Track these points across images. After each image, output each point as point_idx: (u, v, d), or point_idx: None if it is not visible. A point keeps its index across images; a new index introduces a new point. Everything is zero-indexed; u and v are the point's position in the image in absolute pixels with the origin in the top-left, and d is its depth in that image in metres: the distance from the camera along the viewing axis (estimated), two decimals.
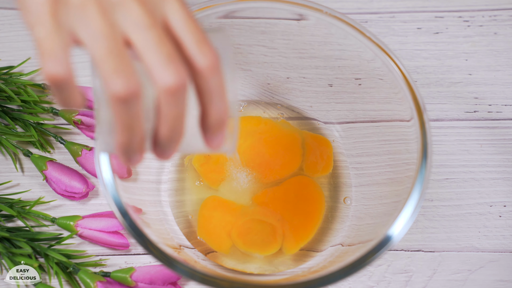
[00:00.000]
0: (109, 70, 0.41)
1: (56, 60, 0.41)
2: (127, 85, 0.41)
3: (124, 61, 0.41)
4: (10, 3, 0.78)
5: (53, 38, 0.41)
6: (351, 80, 0.69)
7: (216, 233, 0.66)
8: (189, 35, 0.43)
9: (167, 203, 0.68)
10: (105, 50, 0.41)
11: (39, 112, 0.72)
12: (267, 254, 0.66)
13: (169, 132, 0.44)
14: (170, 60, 0.42)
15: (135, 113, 0.42)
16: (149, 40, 0.42)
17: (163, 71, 0.42)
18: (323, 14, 0.63)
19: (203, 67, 0.43)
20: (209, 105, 0.44)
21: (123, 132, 0.43)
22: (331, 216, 0.68)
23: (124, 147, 0.44)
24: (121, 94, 0.41)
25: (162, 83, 0.42)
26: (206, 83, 0.44)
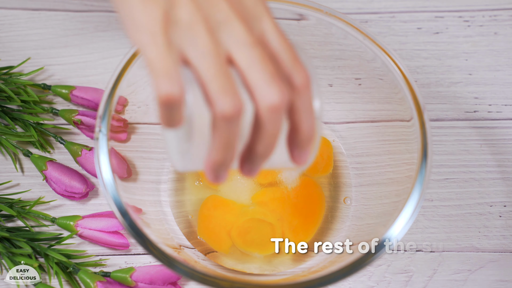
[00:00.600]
0: (217, 89, 0.41)
1: (170, 80, 0.41)
2: (234, 104, 0.42)
3: (230, 80, 0.42)
4: (10, 3, 0.78)
5: (166, 58, 0.41)
6: (351, 80, 0.69)
7: (216, 233, 0.66)
8: (285, 53, 0.44)
9: (167, 203, 0.68)
10: (213, 69, 0.41)
11: (39, 112, 0.72)
12: (267, 254, 0.66)
13: (265, 149, 0.45)
14: (273, 78, 0.42)
15: (235, 132, 0.43)
16: (253, 58, 0.42)
17: (268, 90, 0.42)
18: (323, 14, 0.63)
19: (299, 85, 0.44)
20: (301, 121, 0.45)
21: (220, 150, 0.43)
22: (331, 216, 0.68)
23: (217, 165, 0.44)
24: (228, 113, 0.42)
25: (267, 100, 0.42)
26: (300, 100, 0.44)
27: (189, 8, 0.42)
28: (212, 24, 0.42)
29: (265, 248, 0.65)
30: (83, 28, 0.77)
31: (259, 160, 0.46)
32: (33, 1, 0.78)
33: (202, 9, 0.42)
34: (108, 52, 0.75)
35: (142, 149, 0.69)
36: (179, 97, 0.41)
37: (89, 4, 0.78)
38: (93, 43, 0.76)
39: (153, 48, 0.41)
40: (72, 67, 0.75)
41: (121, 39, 0.76)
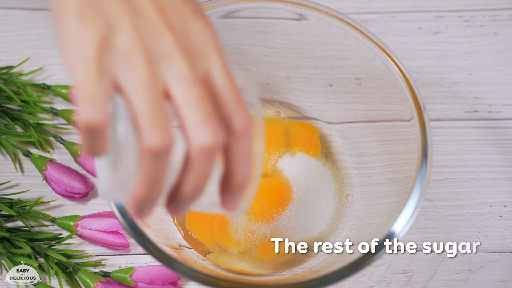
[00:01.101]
0: (148, 121, 0.40)
1: (94, 105, 0.39)
2: (163, 139, 0.40)
3: (162, 114, 0.40)
4: (10, 3, 0.78)
5: (94, 83, 0.39)
6: (351, 80, 0.69)
7: (200, 224, 0.66)
8: (228, 94, 0.43)
9: None
10: (145, 100, 0.40)
11: (39, 112, 0.72)
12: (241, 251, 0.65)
13: (192, 189, 0.43)
14: (209, 119, 0.41)
15: (161, 168, 0.41)
16: (190, 96, 0.41)
17: (201, 130, 0.41)
18: (323, 14, 0.63)
19: (238, 129, 0.42)
20: (236, 167, 0.44)
21: (144, 185, 0.42)
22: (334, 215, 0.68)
23: (140, 200, 0.43)
24: (155, 148, 0.40)
25: (198, 141, 0.41)
26: (237, 144, 0.43)
27: (129, 35, 0.41)
28: (152, 55, 0.41)
29: (238, 243, 0.65)
30: None
31: (186, 200, 0.44)
32: (33, 1, 0.78)
33: (143, 38, 0.41)
34: None
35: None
36: (102, 124, 0.39)
37: None
38: None
39: (82, 72, 0.40)
40: None
41: None
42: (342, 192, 0.69)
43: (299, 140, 0.70)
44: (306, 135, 0.70)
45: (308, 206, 0.67)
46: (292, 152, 0.69)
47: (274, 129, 0.70)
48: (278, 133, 0.70)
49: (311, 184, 0.68)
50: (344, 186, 0.69)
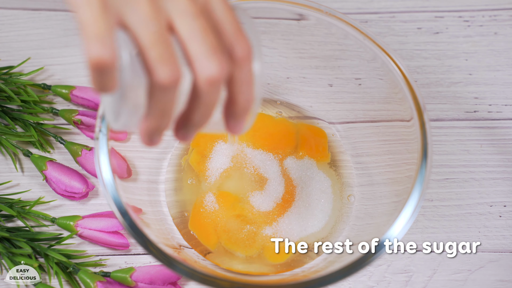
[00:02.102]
0: (156, 56, 0.41)
1: (102, 43, 0.40)
2: (172, 73, 0.42)
3: (169, 49, 0.42)
4: (10, 3, 0.78)
5: (99, 21, 0.40)
6: (351, 80, 0.69)
7: (204, 226, 0.66)
8: (228, 25, 0.44)
9: (166, 203, 0.68)
10: (152, 36, 0.41)
11: (39, 112, 0.72)
12: (249, 255, 0.65)
13: (200, 118, 0.45)
14: (213, 50, 0.42)
15: (171, 99, 0.43)
16: (194, 29, 0.42)
17: (207, 61, 0.42)
18: (323, 14, 0.63)
19: (239, 57, 0.44)
20: (238, 94, 0.45)
21: (155, 117, 0.44)
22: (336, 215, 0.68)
23: (152, 131, 0.45)
24: (166, 82, 0.41)
25: (205, 73, 0.42)
26: (239, 72, 0.45)
27: None
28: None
29: (246, 248, 0.65)
30: None
31: (194, 127, 0.46)
32: (33, 1, 0.78)
33: None
34: None
35: (142, 149, 0.69)
36: (111, 61, 0.40)
37: None
38: None
39: (87, 9, 0.40)
40: (72, 67, 0.75)
41: None
42: (344, 192, 0.69)
43: (307, 142, 0.70)
44: (315, 138, 0.70)
45: (310, 207, 0.67)
46: (298, 153, 0.69)
47: (284, 129, 0.70)
48: (288, 133, 0.70)
49: (314, 186, 0.68)
50: (345, 187, 0.69)
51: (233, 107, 0.46)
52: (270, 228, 0.66)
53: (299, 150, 0.69)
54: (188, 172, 0.69)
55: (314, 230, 0.66)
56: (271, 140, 0.69)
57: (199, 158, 0.69)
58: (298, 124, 0.71)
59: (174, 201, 0.68)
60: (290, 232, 0.66)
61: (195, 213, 0.67)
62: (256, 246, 0.65)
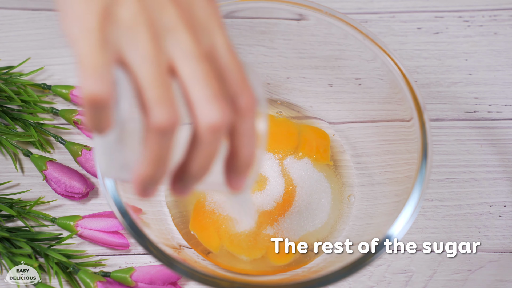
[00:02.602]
0: (154, 97, 0.39)
1: (98, 78, 0.38)
2: (170, 116, 0.39)
3: (169, 90, 0.39)
4: (10, 3, 0.78)
5: (97, 55, 0.38)
6: (351, 80, 0.69)
7: (206, 228, 0.66)
8: (233, 71, 0.42)
9: (166, 203, 0.68)
10: (152, 76, 0.39)
11: (39, 112, 0.72)
12: (254, 258, 0.65)
13: (199, 169, 0.42)
14: (216, 96, 0.40)
15: (167, 146, 0.40)
16: (197, 72, 0.40)
17: (209, 107, 0.40)
18: (323, 14, 0.63)
19: (243, 107, 0.42)
20: (241, 146, 0.43)
21: (150, 164, 0.41)
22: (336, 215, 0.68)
23: (145, 179, 0.42)
24: (163, 125, 0.39)
25: (207, 119, 0.40)
26: (243, 123, 0.42)
27: (133, 8, 0.39)
28: (157, 29, 0.40)
29: (252, 251, 0.65)
30: None
31: (192, 180, 0.43)
32: (33, 1, 0.78)
33: (147, 11, 0.40)
34: None
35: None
36: (106, 98, 0.38)
37: None
38: None
39: (85, 43, 0.38)
40: (72, 67, 0.75)
41: None
42: (344, 192, 0.69)
43: (307, 143, 0.70)
44: (316, 140, 0.70)
45: (310, 207, 0.67)
46: (298, 153, 0.69)
47: (286, 129, 0.70)
48: (290, 133, 0.70)
49: (315, 186, 0.68)
50: (345, 187, 0.69)
51: (234, 161, 0.44)
52: (271, 228, 0.66)
53: (299, 150, 0.69)
54: None
55: (315, 229, 0.66)
56: (271, 139, 0.69)
57: None
58: (300, 125, 0.71)
59: (174, 201, 0.68)
60: (291, 231, 0.66)
61: (196, 214, 0.67)
62: (259, 247, 0.65)
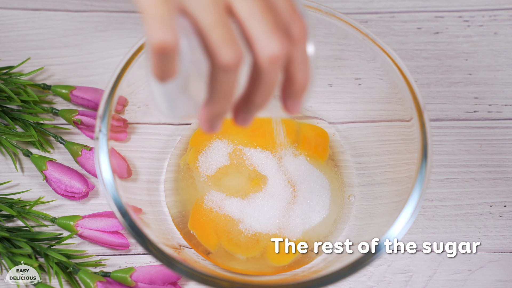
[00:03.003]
0: (218, 39, 0.41)
1: (164, 27, 0.40)
2: (235, 54, 0.42)
3: (230, 30, 0.42)
4: (10, 3, 0.78)
5: (161, 5, 0.40)
6: (351, 80, 0.69)
7: (204, 227, 0.66)
8: (284, 4, 0.44)
9: (166, 203, 0.68)
10: (213, 19, 0.41)
11: (39, 112, 0.72)
12: (251, 256, 0.65)
13: (262, 99, 0.45)
14: (274, 29, 0.42)
15: (233, 82, 0.43)
16: (253, 9, 0.42)
17: (268, 40, 0.42)
18: (323, 14, 0.63)
19: (296, 36, 0.44)
20: (297, 72, 0.45)
21: (218, 100, 0.44)
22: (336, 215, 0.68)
23: (214, 115, 0.44)
24: (229, 63, 0.41)
25: (267, 51, 0.42)
26: (297, 51, 0.44)
27: None
28: None
29: (249, 250, 0.65)
30: (83, 28, 0.77)
31: (255, 109, 0.46)
32: (33, 1, 0.78)
33: None
34: (108, 52, 0.75)
35: (142, 149, 0.69)
36: (173, 45, 0.40)
37: (89, 4, 0.78)
38: (93, 43, 0.76)
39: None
40: (72, 67, 0.75)
41: (121, 39, 0.76)
42: (344, 192, 0.69)
43: (306, 141, 0.70)
44: (316, 138, 0.70)
45: (309, 205, 0.67)
46: (297, 151, 0.69)
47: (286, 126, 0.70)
48: (288, 131, 0.70)
49: (313, 184, 0.68)
50: (345, 187, 0.69)
51: (291, 86, 0.46)
52: (271, 226, 0.66)
53: (298, 148, 0.69)
54: (187, 172, 0.69)
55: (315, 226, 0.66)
56: (270, 137, 0.70)
57: (197, 157, 0.69)
58: (300, 123, 0.71)
59: (174, 201, 0.68)
60: (291, 230, 0.66)
61: (195, 213, 0.67)
62: (258, 247, 0.65)
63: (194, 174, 0.69)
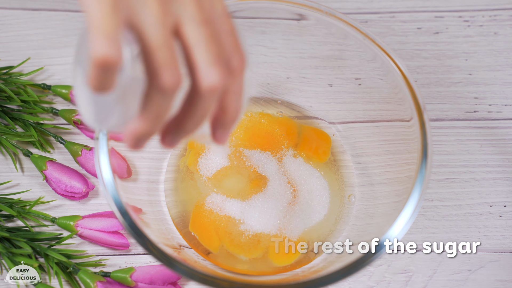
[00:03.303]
0: (161, 60, 0.41)
1: (108, 41, 0.39)
2: (175, 78, 0.42)
3: (174, 54, 0.42)
4: (10, 3, 0.78)
5: (109, 19, 0.40)
6: (351, 80, 0.69)
7: (206, 229, 0.66)
8: (229, 35, 0.44)
9: (166, 203, 0.68)
10: (160, 39, 0.41)
11: (39, 112, 0.72)
12: (253, 257, 0.65)
13: (193, 125, 0.45)
14: (217, 60, 0.43)
15: (167, 105, 0.43)
16: (200, 36, 0.43)
17: (211, 70, 0.43)
18: (323, 14, 0.63)
19: (236, 68, 0.44)
20: (230, 103, 0.46)
21: (148, 120, 0.44)
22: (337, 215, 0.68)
23: (141, 134, 0.44)
24: (168, 86, 0.42)
25: (208, 80, 0.43)
26: (234, 83, 0.45)
27: None
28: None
29: (252, 251, 0.65)
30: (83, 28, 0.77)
31: (184, 134, 0.46)
32: (33, 1, 0.78)
33: None
34: None
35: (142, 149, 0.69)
36: (116, 61, 0.39)
37: None
38: None
39: (97, 7, 0.40)
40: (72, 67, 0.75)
41: None
42: (344, 192, 0.69)
43: (307, 143, 0.70)
44: (317, 140, 0.70)
45: (310, 205, 0.67)
46: (297, 152, 0.69)
47: (285, 127, 0.70)
48: (289, 132, 0.70)
49: (313, 184, 0.68)
50: (345, 187, 0.69)
51: (223, 117, 0.47)
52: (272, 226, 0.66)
53: (298, 149, 0.69)
54: (187, 174, 0.69)
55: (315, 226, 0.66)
56: (270, 138, 0.70)
57: (197, 160, 0.69)
58: (302, 125, 0.71)
59: (174, 201, 0.68)
60: (291, 230, 0.66)
61: (196, 215, 0.67)
62: (260, 247, 0.65)
63: (194, 176, 0.69)
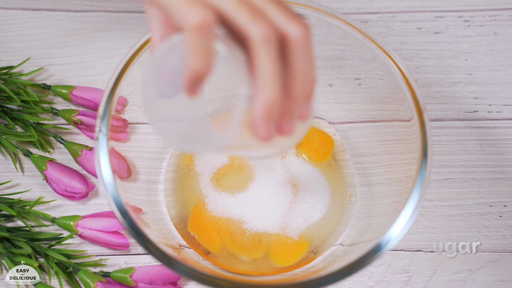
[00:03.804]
0: (247, 16, 0.43)
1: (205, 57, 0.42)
2: (267, 28, 0.43)
3: (255, 6, 0.44)
4: (10, 3, 0.78)
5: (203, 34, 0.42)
6: (351, 80, 0.69)
7: (206, 229, 0.66)
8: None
9: (166, 203, 0.68)
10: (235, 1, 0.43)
11: (39, 112, 0.72)
12: (254, 258, 0.65)
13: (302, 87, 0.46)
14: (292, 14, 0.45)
15: (277, 60, 0.44)
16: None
17: (294, 23, 0.44)
18: (323, 14, 0.63)
19: (307, 25, 0.45)
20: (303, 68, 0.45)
21: (271, 85, 0.44)
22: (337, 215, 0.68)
23: (272, 107, 0.44)
24: (264, 35, 0.43)
25: (296, 28, 0.44)
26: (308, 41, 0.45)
27: None
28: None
29: (253, 251, 0.65)
30: (83, 28, 0.77)
31: (299, 104, 0.46)
32: (33, 1, 0.78)
33: None
34: (108, 52, 0.75)
35: (142, 149, 0.69)
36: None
37: (89, 4, 0.78)
38: (93, 43, 0.76)
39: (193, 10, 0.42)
40: (72, 67, 0.75)
41: (121, 39, 0.76)
42: (345, 192, 0.69)
43: (309, 142, 0.70)
44: (319, 141, 0.70)
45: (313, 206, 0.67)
46: (298, 152, 0.69)
47: None
48: None
49: (316, 185, 0.68)
50: (346, 187, 0.69)
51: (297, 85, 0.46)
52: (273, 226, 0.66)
53: (299, 149, 0.69)
54: (187, 173, 0.69)
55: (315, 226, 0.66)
56: None
57: (197, 158, 0.69)
58: None
59: (174, 201, 0.68)
60: (293, 230, 0.66)
61: (195, 215, 0.67)
62: (261, 247, 0.65)
63: (194, 175, 0.69)
